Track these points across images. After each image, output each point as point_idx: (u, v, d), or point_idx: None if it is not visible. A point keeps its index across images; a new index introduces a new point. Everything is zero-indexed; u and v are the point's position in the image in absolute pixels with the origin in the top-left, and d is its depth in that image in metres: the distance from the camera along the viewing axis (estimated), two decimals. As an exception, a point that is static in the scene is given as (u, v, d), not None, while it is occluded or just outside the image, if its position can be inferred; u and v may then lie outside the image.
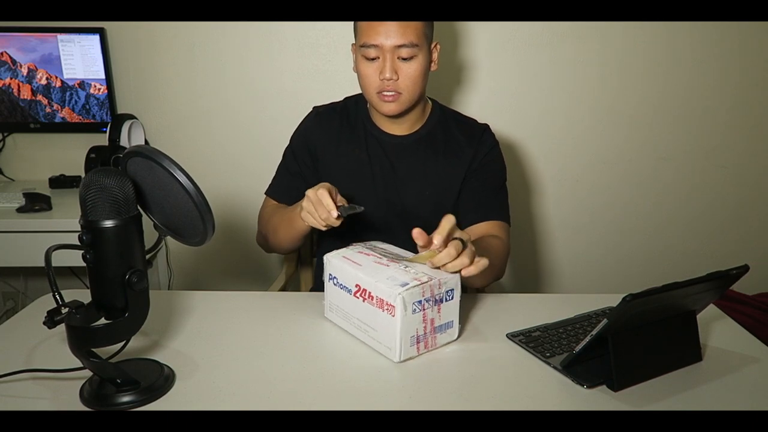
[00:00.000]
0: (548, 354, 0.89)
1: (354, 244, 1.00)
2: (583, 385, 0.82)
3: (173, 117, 1.95)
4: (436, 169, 1.25)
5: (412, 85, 1.15)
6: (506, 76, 1.92)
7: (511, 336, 0.95)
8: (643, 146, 2.00)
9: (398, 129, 1.25)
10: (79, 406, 0.76)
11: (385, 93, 1.14)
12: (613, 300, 0.80)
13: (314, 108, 1.32)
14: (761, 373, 0.87)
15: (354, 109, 1.29)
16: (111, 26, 1.83)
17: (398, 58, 1.12)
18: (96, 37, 1.81)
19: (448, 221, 0.89)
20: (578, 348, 0.82)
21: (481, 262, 0.88)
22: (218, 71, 1.90)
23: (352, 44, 1.20)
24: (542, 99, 1.94)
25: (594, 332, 0.79)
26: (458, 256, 0.86)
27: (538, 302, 1.13)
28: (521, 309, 1.08)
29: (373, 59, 1.13)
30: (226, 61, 1.89)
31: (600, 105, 1.95)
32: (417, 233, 0.86)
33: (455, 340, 0.92)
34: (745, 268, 0.84)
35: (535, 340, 0.93)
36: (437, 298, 0.86)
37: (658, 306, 0.81)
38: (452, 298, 0.88)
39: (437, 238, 0.87)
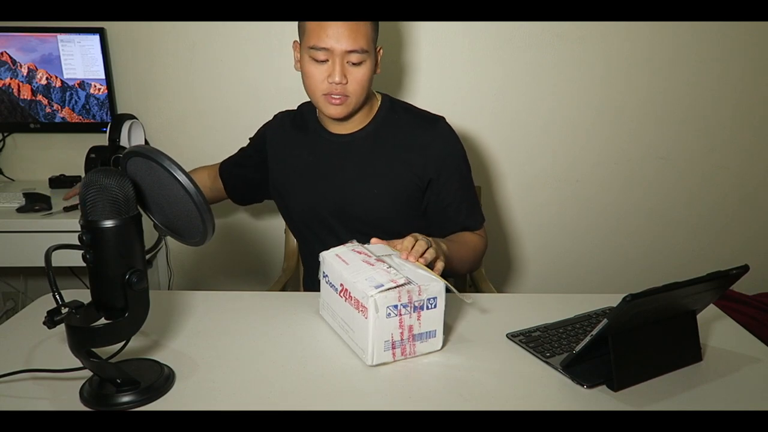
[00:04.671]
0: (548, 354, 0.89)
1: (352, 241, 1.00)
2: (583, 385, 0.82)
3: (173, 117, 1.95)
4: (384, 166, 1.22)
5: (360, 89, 1.14)
6: (507, 77, 1.92)
7: (511, 336, 0.95)
8: (644, 146, 2.00)
9: (343, 128, 1.24)
10: (79, 406, 0.76)
11: (333, 96, 1.13)
12: (613, 300, 0.80)
13: (278, 113, 1.37)
14: (761, 373, 0.87)
15: (307, 112, 1.31)
16: (111, 26, 1.83)
17: (347, 62, 1.12)
18: (96, 37, 1.81)
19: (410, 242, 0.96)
20: (578, 348, 0.82)
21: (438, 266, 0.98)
22: (218, 71, 1.90)
23: (295, 41, 1.20)
24: (543, 100, 1.94)
25: (594, 332, 0.79)
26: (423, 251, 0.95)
27: (538, 302, 1.13)
28: (521, 309, 1.08)
29: (321, 61, 1.12)
30: (226, 61, 1.89)
31: (602, 106, 1.95)
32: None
33: (439, 350, 0.89)
34: (745, 268, 0.84)
35: (535, 340, 0.93)
36: (417, 304, 0.84)
37: (658, 306, 0.81)
38: (435, 307, 0.86)
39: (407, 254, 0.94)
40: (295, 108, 1.35)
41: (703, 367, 0.88)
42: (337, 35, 1.09)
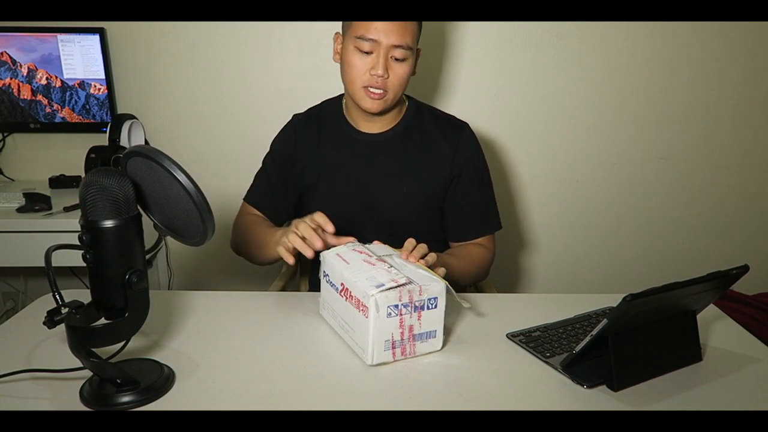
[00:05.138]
0: (548, 354, 0.89)
1: (353, 240, 1.00)
2: (583, 385, 0.82)
3: (173, 117, 1.95)
4: (413, 166, 1.24)
5: (399, 86, 1.15)
6: (506, 77, 1.92)
7: (511, 336, 0.95)
8: (644, 146, 2.00)
9: (373, 127, 1.24)
10: (79, 406, 0.76)
11: (372, 89, 1.13)
12: (613, 300, 0.80)
13: (293, 116, 1.32)
14: (761, 373, 0.87)
15: (330, 111, 1.29)
16: (111, 26, 1.83)
17: (391, 57, 1.12)
18: (96, 37, 1.81)
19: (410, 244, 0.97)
20: (578, 348, 0.82)
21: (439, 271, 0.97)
22: (218, 71, 1.90)
23: (337, 33, 1.20)
24: (543, 100, 1.94)
25: (594, 332, 0.79)
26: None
27: (538, 302, 1.13)
28: (521, 309, 1.08)
29: (366, 53, 1.12)
30: (226, 61, 1.89)
31: (602, 106, 1.95)
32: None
33: (438, 351, 0.89)
34: (745, 268, 0.84)
35: (535, 340, 0.93)
36: (417, 304, 0.84)
37: (658, 306, 0.81)
38: (435, 307, 0.85)
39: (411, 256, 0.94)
40: (306, 109, 1.33)
41: (703, 367, 0.88)
42: (386, 29, 1.09)
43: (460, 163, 1.24)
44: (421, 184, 1.24)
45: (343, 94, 1.30)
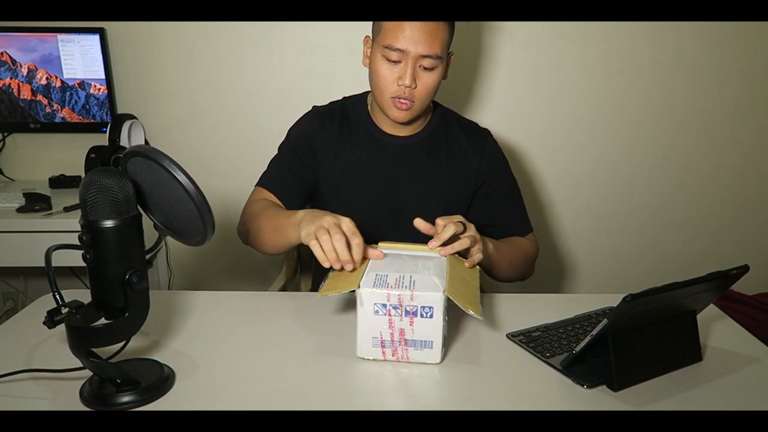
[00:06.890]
0: (548, 354, 0.89)
1: (380, 255, 0.96)
2: (583, 385, 0.82)
3: (173, 117, 1.95)
4: (439, 172, 1.24)
5: (427, 95, 1.14)
6: (506, 77, 1.92)
7: (511, 336, 0.95)
8: (644, 147, 2.00)
9: (400, 130, 1.24)
10: (79, 406, 0.76)
11: (400, 99, 1.11)
12: (613, 300, 0.80)
13: (314, 107, 1.29)
14: (761, 373, 0.87)
15: (353, 109, 1.27)
16: (111, 26, 1.83)
17: (419, 66, 1.10)
18: (96, 37, 1.81)
19: (441, 220, 0.98)
20: (578, 348, 0.82)
21: (476, 257, 0.98)
22: (218, 71, 1.90)
23: (367, 36, 1.18)
24: (543, 100, 1.94)
25: (594, 332, 0.79)
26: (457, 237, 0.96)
27: (538, 302, 1.13)
28: (521, 309, 1.08)
29: (393, 62, 1.10)
30: (226, 61, 1.89)
31: (602, 106, 1.95)
32: (418, 222, 0.97)
33: (438, 364, 0.86)
34: (745, 268, 0.84)
35: (535, 340, 0.93)
36: (408, 309, 0.82)
37: (658, 306, 0.81)
38: (431, 317, 0.82)
39: (435, 240, 0.96)
40: (328, 102, 1.30)
41: (703, 367, 0.88)
42: (414, 38, 1.07)
43: (487, 171, 1.26)
44: (447, 191, 1.24)
45: (367, 92, 1.28)
